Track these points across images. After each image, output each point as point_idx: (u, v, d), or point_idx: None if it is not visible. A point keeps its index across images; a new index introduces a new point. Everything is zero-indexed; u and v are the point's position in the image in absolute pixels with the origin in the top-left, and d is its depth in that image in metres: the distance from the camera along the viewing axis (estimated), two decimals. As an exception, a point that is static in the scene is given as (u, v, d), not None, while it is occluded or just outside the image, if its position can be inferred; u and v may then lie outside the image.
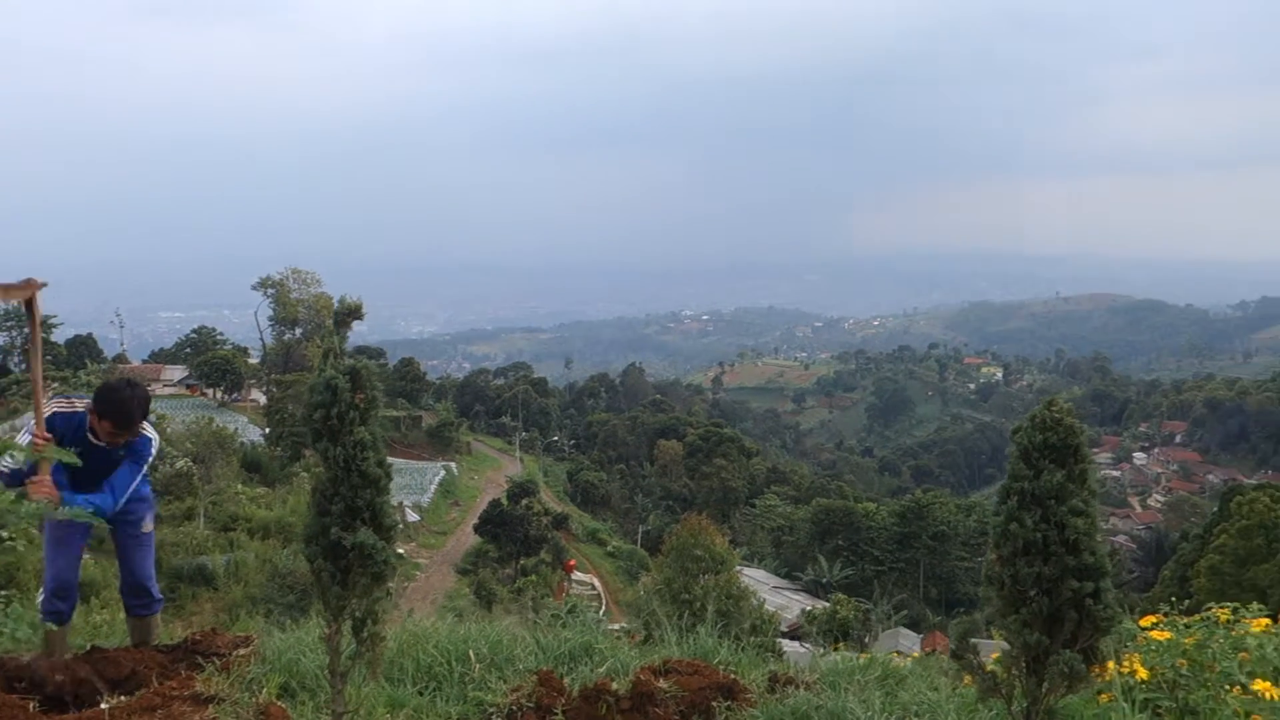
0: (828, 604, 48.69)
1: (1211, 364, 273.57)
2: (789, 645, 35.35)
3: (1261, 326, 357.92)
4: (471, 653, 4.92)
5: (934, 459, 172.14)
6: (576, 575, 59.32)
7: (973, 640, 3.87)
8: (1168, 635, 5.89)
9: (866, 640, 51.61)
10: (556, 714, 4.29)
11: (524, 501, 56.22)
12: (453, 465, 79.43)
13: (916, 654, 9.09)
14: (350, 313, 3.42)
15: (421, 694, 4.72)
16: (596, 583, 60.18)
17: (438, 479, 71.93)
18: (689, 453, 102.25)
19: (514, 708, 4.40)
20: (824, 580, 68.34)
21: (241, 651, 5.31)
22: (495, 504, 56.55)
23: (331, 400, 3.35)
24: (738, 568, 63.55)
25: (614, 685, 4.43)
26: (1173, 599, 6.77)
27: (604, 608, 52.42)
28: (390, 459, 3.53)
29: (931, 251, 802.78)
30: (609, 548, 70.05)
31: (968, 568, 76.51)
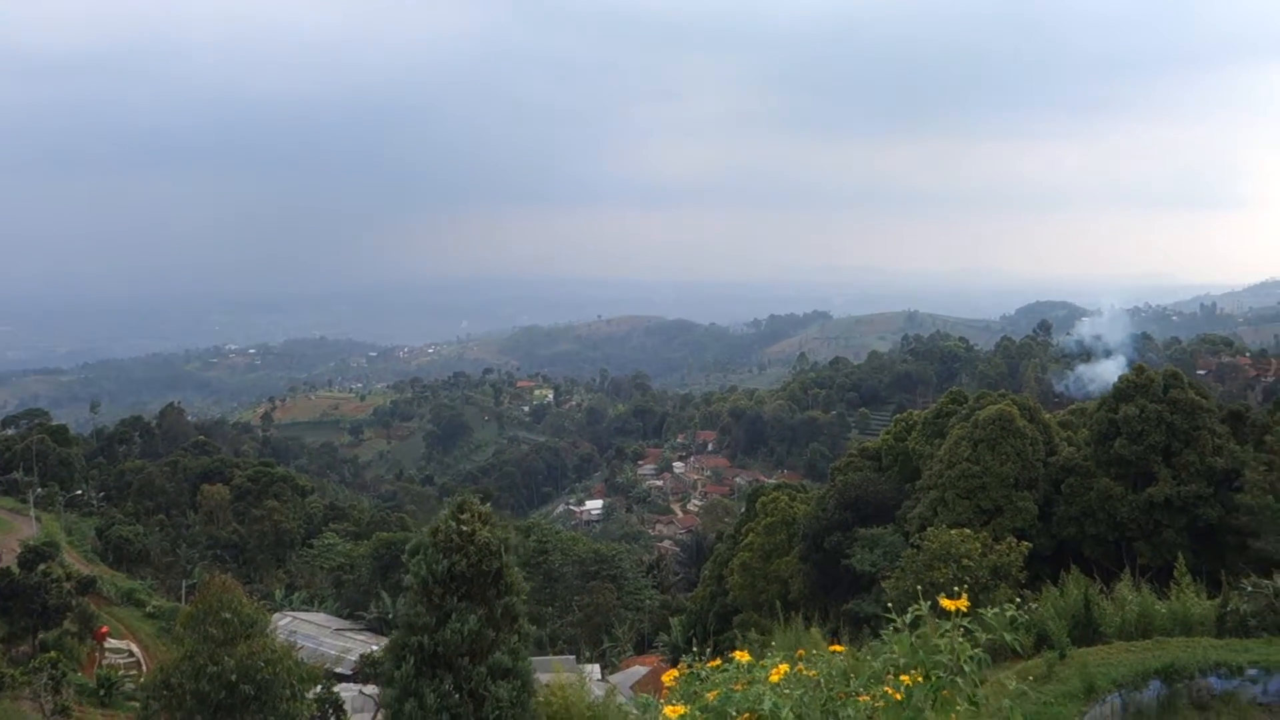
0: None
1: (734, 376, 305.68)
2: (349, 690, 33.97)
3: (771, 341, 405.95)
4: None
5: (494, 482, 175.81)
6: (110, 643, 53.93)
7: None
8: (682, 710, 5.26)
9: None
10: None
11: (41, 567, 50.25)
12: (-52, 533, 69.68)
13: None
14: None
15: None
16: (135, 648, 55.10)
17: (-72, 551, 62.79)
18: (237, 496, 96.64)
19: None
20: (388, 616, 66.86)
21: None
22: (4, 573, 49.64)
23: None
24: (293, 614, 60.66)
25: None
26: (696, 650, 6.38)
27: (143, 675, 47.75)
28: None
29: (479, 279, 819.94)
30: (149, 608, 64.23)
31: (532, 588, 78.40)
